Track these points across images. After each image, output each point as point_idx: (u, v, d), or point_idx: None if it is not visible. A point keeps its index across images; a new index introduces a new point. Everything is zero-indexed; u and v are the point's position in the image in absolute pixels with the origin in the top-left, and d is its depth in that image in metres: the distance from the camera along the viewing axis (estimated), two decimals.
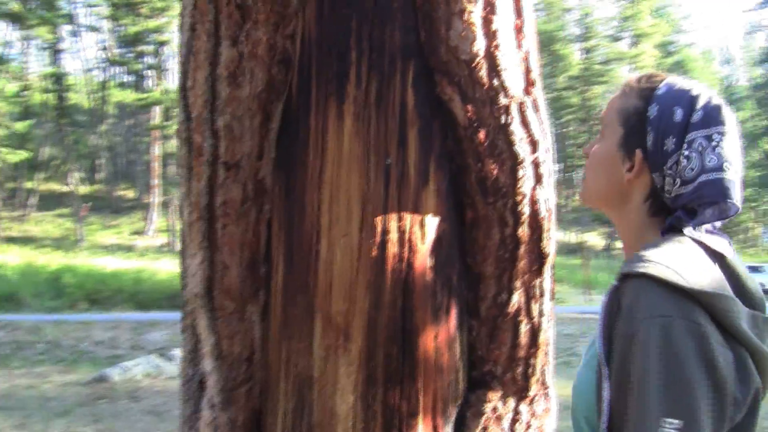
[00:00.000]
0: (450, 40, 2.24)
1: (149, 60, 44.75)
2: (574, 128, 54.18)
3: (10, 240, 34.66)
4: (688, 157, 1.51)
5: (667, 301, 1.35)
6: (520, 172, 2.32)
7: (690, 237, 1.49)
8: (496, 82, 2.26)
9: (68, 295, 18.64)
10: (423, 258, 2.30)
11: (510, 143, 2.31)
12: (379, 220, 2.28)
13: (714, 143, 1.50)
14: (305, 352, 2.33)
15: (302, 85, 2.37)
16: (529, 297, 2.46)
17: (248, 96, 2.36)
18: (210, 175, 2.42)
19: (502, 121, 2.30)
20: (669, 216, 1.57)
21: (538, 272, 2.46)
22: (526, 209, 2.37)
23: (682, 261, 1.41)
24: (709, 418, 1.30)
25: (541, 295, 2.47)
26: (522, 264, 2.41)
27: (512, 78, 2.30)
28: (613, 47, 53.41)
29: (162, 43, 41.71)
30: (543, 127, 2.38)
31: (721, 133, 1.51)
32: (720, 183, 1.49)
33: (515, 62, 2.32)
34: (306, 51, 2.36)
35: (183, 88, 2.47)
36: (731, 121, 1.54)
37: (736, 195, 1.51)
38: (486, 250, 2.40)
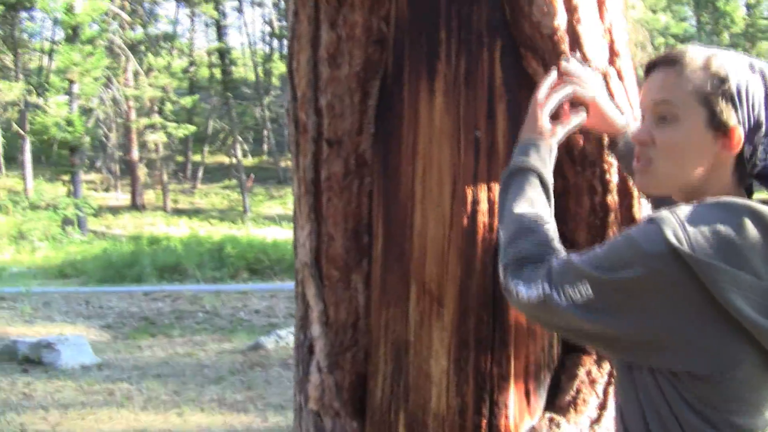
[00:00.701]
0: (533, 15, 2.30)
1: None
2: None
3: (179, 212, 36.13)
4: None
5: (659, 244, 1.44)
6: (606, 141, 2.36)
7: (745, 205, 1.48)
8: (578, 54, 2.30)
9: (230, 266, 19.19)
10: None
11: None
12: (469, 191, 2.37)
13: None
14: (402, 318, 2.46)
15: (396, 64, 2.48)
16: None
17: (347, 75, 2.50)
18: (315, 151, 2.58)
19: None
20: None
21: None
22: (614, 177, 2.41)
23: (705, 227, 1.43)
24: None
25: None
26: (613, 231, 2.45)
27: (595, 50, 2.33)
28: None
29: None
30: (629, 96, 2.40)
31: None
32: None
33: (598, 34, 2.36)
34: (399, 31, 2.47)
35: (290, 70, 2.64)
36: None
37: None
38: (577, 218, 2.46)
